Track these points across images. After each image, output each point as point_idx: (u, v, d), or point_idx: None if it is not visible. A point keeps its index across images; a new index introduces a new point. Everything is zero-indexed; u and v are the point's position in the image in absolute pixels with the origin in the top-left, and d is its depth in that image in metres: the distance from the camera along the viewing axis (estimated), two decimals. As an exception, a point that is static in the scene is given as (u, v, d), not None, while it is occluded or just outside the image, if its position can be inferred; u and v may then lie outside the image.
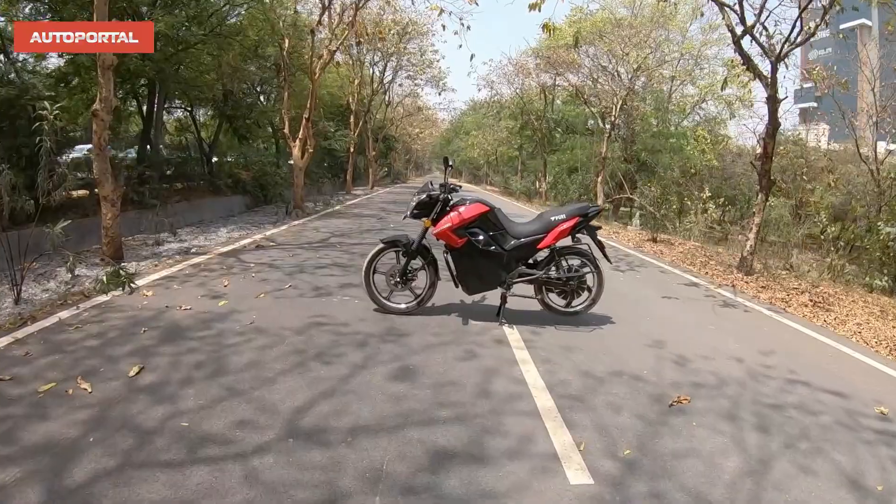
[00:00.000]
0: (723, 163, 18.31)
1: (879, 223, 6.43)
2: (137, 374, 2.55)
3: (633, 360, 3.21)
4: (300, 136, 10.68)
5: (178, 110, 12.09)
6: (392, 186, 30.09)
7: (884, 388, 3.11)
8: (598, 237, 3.84)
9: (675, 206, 12.20)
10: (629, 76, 17.10)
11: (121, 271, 4.13)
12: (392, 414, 2.31)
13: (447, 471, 1.92)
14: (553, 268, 3.81)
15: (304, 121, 10.62)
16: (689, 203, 12.98)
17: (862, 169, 11.36)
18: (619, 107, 17.42)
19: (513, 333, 3.56)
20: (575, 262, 3.85)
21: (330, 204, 13.68)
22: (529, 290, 3.93)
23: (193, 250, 6.14)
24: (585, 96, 18.69)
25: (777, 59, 6.17)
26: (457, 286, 3.84)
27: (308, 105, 10.78)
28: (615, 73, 17.47)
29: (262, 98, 14.67)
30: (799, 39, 6.09)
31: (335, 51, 11.37)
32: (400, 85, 25.57)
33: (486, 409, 2.42)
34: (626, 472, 2.02)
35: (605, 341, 3.57)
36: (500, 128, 27.92)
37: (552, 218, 3.74)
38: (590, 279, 3.87)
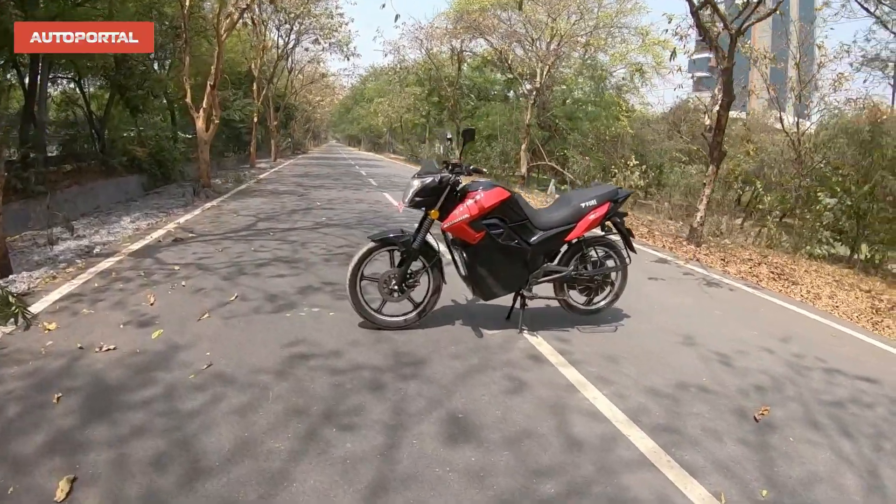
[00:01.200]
0: (635, 129, 19.73)
1: (820, 194, 7.23)
2: (66, 498, 1.65)
3: (681, 365, 3.06)
4: (204, 107, 9.86)
5: (65, 81, 10.56)
6: (295, 158, 28.55)
7: (877, 362, 3.41)
8: (625, 225, 3.55)
9: (598, 175, 12.74)
10: (548, 42, 17.38)
11: (9, 297, 2.96)
12: None
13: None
14: (580, 262, 3.47)
15: (208, 89, 9.81)
16: (615, 171, 13.59)
17: (774, 139, 12.89)
18: (545, 73, 17.69)
19: (540, 343, 3.19)
20: (600, 253, 3.53)
21: (241, 180, 12.56)
22: (546, 288, 3.55)
23: (97, 250, 5.01)
24: (509, 61, 18.64)
25: (737, 33, 6.39)
26: (474, 291, 3.30)
27: (213, 71, 9.90)
28: (532, 39, 17.68)
29: (156, 65, 13.18)
30: (761, 12, 6.34)
31: (245, 8, 10.42)
32: (306, 49, 24.05)
33: (593, 469, 2.00)
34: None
35: (635, 341, 3.38)
36: (407, 94, 27.82)
37: (582, 204, 3.34)
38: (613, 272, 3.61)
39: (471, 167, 3.15)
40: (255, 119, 18.65)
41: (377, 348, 2.95)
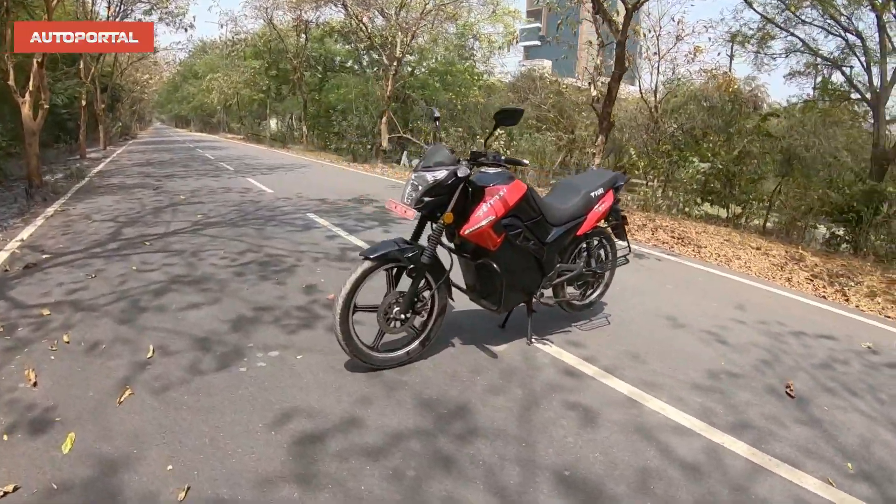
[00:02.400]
0: (486, 98, 20.91)
1: (694, 159, 8.47)
2: None
3: (693, 352, 3.25)
4: (30, 89, 8.46)
5: None
6: (127, 144, 25.06)
7: (839, 323, 4.13)
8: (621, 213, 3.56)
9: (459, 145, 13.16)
10: (397, 10, 17.17)
11: None
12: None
13: None
14: (584, 257, 3.38)
15: (35, 67, 8.41)
16: (480, 140, 14.08)
17: (624, 106, 14.71)
18: (405, 43, 17.38)
19: (560, 353, 3.07)
20: (594, 243, 3.49)
21: (78, 175, 10.92)
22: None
23: None
24: (368, 31, 17.84)
25: (633, 7, 6.94)
26: (483, 303, 2.97)
27: (43, 46, 8.16)
28: (382, 9, 17.33)
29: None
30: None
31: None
32: (139, 20, 20.39)
33: (729, 493, 1.95)
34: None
35: (635, 330, 3.50)
36: (245, 68, 26.72)
37: (592, 194, 3.21)
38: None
39: (502, 157, 2.69)
40: (83, 102, 15.83)
41: (398, 401, 2.44)
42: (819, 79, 9.59)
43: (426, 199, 2.53)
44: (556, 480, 1.97)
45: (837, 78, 9.35)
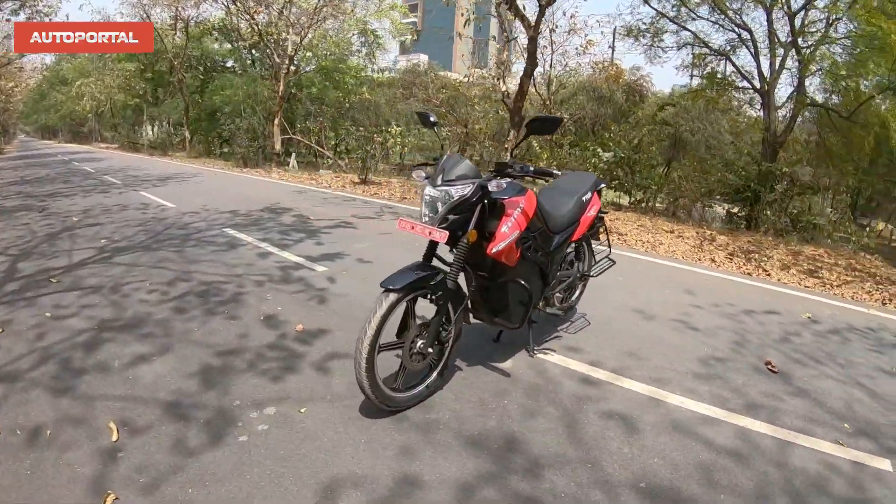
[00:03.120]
0: (374, 96, 20.88)
1: (598, 149, 9.27)
2: None
3: (676, 343, 3.57)
4: None
5: None
6: None
7: (774, 298, 4.81)
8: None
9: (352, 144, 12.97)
10: (281, 7, 16.38)
11: None
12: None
13: None
14: (575, 262, 3.50)
15: None
16: (377, 139, 13.98)
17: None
18: (297, 40, 16.51)
19: (565, 361, 3.17)
20: (582, 247, 3.63)
21: None
22: None
23: None
24: (259, 27, 16.52)
25: (547, 3, 7.32)
26: (497, 322, 2.92)
27: None
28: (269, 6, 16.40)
29: None
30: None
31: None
32: (8, 20, 17.06)
33: (807, 480, 2.16)
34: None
35: (616, 328, 3.73)
36: (120, 70, 25.16)
37: (583, 198, 3.30)
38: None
39: (531, 168, 2.58)
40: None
41: (443, 445, 2.29)
42: (707, 70, 11.01)
43: (451, 216, 2.40)
44: (639, 495, 2.04)
45: (727, 69, 10.72)
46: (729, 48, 10.03)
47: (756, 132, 9.87)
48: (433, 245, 2.59)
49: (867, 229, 9.47)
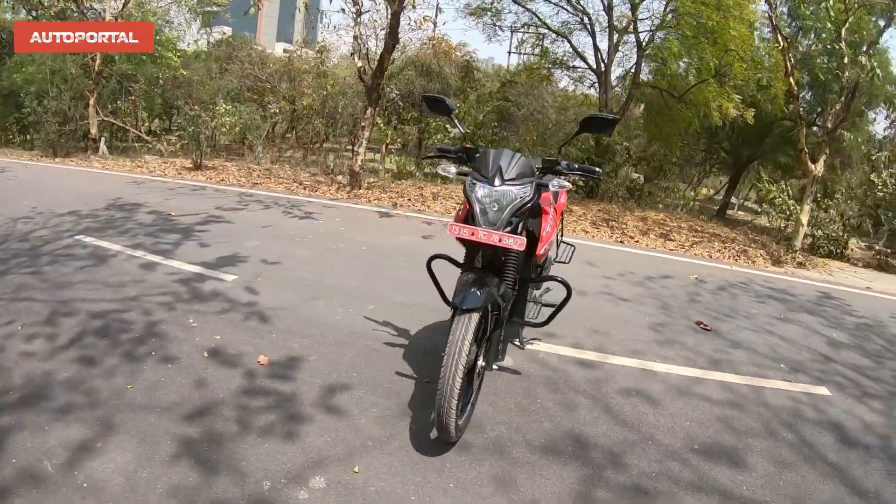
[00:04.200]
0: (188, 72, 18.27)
1: (446, 126, 9.63)
2: None
3: (620, 314, 4.12)
4: None
5: None
6: None
7: (659, 263, 5.81)
8: None
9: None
10: None
11: None
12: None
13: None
14: None
15: None
16: (205, 117, 12.34)
17: (335, 73, 14.94)
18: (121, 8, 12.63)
19: (553, 348, 3.36)
20: None
21: None
22: None
23: None
24: None
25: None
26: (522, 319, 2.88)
27: None
28: None
29: None
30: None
31: None
32: None
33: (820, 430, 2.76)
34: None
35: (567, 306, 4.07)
36: None
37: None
38: None
39: (576, 166, 2.55)
40: None
41: (530, 465, 2.22)
42: (542, 49, 12.14)
43: (514, 219, 2.27)
44: (700, 456, 2.40)
45: (564, 49, 11.98)
46: (568, 29, 11.35)
47: (586, 108, 11.49)
48: (475, 251, 2.43)
49: (693, 192, 12.27)
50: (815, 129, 12.48)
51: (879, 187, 8.97)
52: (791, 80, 8.14)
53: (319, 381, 2.66)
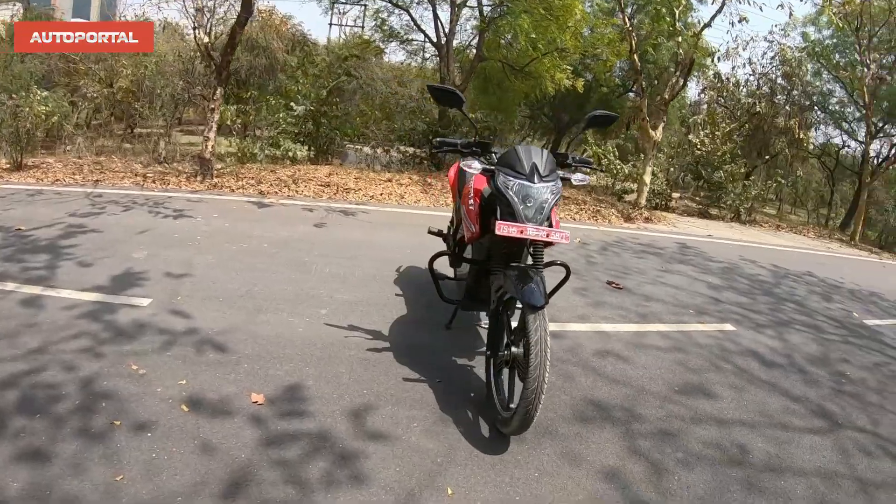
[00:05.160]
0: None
1: (292, 104, 8.98)
2: None
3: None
4: None
5: None
6: None
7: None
8: None
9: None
10: None
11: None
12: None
13: None
14: None
15: None
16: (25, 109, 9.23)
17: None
18: None
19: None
20: None
21: None
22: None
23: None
24: None
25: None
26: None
27: None
28: None
29: None
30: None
31: None
32: None
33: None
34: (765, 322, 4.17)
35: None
36: None
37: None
38: None
39: (578, 157, 2.73)
40: None
41: (616, 448, 2.44)
42: (378, 21, 11.75)
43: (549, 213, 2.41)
44: (689, 396, 2.97)
45: (402, 22, 11.96)
46: (405, 3, 11.22)
47: (426, 80, 11.70)
48: (499, 246, 2.52)
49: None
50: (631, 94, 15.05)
51: (698, 146, 11.27)
52: (635, 56, 9.65)
53: (338, 408, 2.42)
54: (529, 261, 2.46)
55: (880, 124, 14.10)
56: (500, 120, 12.14)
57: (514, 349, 2.37)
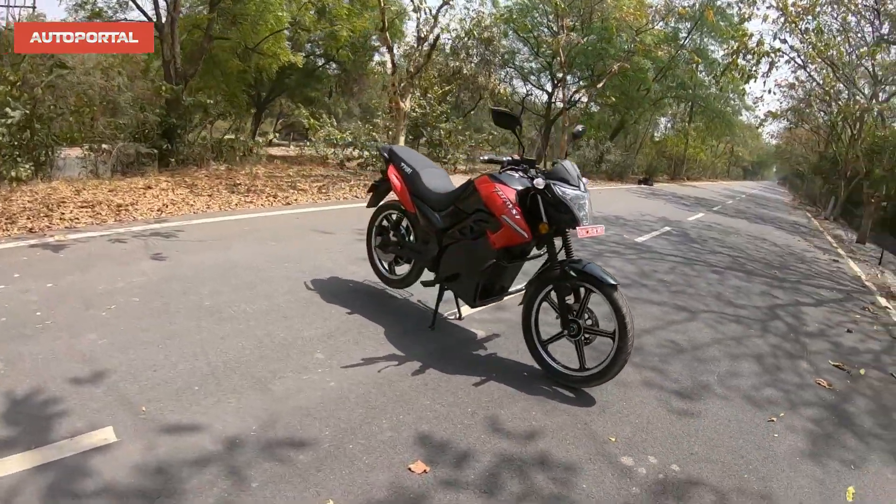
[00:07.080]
0: None
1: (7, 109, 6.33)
2: None
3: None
4: None
5: None
6: None
7: (336, 217, 6.46)
8: None
9: None
10: None
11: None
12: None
13: None
14: None
15: None
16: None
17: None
18: None
19: (480, 313, 3.67)
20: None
21: None
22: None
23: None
24: None
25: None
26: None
27: None
28: None
29: None
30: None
31: None
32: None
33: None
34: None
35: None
36: None
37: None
38: None
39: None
40: None
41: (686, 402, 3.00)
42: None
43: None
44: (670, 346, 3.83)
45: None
46: None
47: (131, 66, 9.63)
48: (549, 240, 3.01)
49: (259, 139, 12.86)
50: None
51: (417, 111, 12.32)
52: (387, 34, 10.00)
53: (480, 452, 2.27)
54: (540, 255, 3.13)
55: (568, 78, 18.27)
56: (223, 101, 11.59)
57: (581, 322, 2.89)
